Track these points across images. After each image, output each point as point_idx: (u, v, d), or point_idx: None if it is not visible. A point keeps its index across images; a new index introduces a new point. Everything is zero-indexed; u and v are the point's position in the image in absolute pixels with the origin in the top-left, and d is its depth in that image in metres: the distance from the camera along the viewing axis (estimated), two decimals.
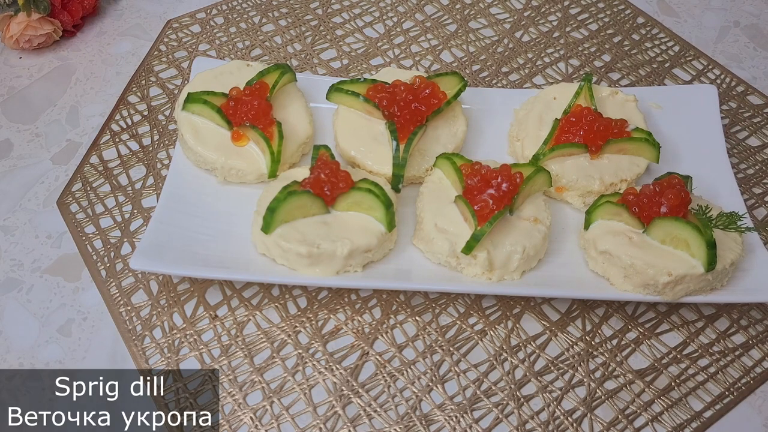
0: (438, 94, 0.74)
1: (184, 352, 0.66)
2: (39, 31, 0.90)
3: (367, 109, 0.75)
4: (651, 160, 0.74)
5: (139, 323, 0.68)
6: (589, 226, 0.69)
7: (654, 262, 0.64)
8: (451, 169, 0.70)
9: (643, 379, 0.66)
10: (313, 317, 0.69)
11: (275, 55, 0.94)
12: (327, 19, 0.99)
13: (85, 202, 0.77)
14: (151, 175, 0.79)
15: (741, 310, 0.71)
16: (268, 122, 0.72)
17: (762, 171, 0.83)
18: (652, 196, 0.67)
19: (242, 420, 0.63)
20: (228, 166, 0.73)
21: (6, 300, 0.70)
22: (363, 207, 0.67)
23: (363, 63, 0.93)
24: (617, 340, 0.69)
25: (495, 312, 0.70)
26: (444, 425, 0.63)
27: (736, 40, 1.00)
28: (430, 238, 0.67)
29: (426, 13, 1.01)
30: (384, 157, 0.73)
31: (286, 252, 0.65)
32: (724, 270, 0.65)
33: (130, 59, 0.94)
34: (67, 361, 0.66)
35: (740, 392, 0.66)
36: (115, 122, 0.85)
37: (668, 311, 0.71)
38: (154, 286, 0.71)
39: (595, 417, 0.64)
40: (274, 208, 0.64)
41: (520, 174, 0.67)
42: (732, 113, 0.89)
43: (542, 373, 0.66)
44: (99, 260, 0.72)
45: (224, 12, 1.00)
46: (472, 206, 0.65)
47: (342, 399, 0.64)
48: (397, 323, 0.69)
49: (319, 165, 0.68)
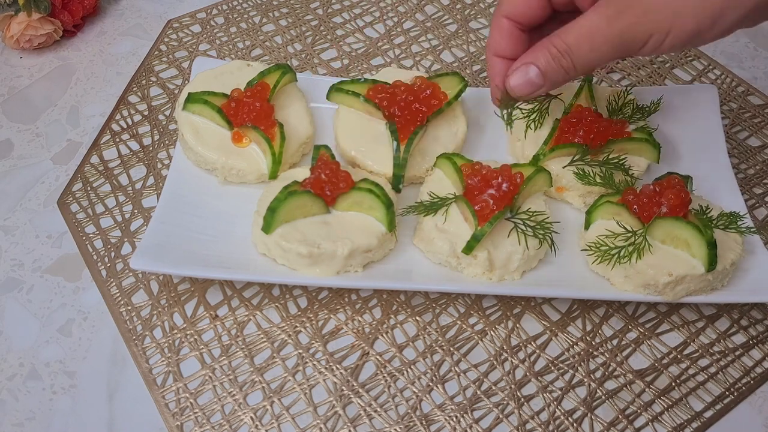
0: (438, 94, 0.74)
1: (185, 352, 0.66)
2: (39, 30, 0.90)
3: (367, 109, 0.76)
4: (651, 160, 0.74)
5: (139, 323, 0.68)
6: (589, 226, 0.69)
7: (654, 262, 0.64)
8: (452, 169, 0.70)
9: (644, 379, 0.66)
10: (314, 317, 0.69)
11: (275, 55, 0.94)
12: (327, 19, 0.99)
13: (85, 202, 0.77)
14: (151, 175, 0.79)
15: (741, 310, 0.71)
16: (270, 123, 0.72)
17: (763, 171, 0.83)
18: (652, 196, 0.67)
19: (242, 420, 0.63)
20: (228, 166, 0.73)
21: (6, 300, 0.70)
22: (363, 207, 0.67)
23: (363, 63, 0.93)
24: (618, 340, 0.69)
25: (495, 312, 0.70)
26: (444, 425, 0.63)
27: (736, 40, 1.00)
28: (431, 238, 0.67)
29: (426, 13, 1.01)
30: (384, 157, 0.73)
31: (287, 252, 0.65)
32: (725, 270, 0.65)
33: (131, 59, 0.94)
34: (68, 361, 0.66)
35: (741, 392, 0.66)
36: (116, 122, 0.85)
37: (669, 311, 0.71)
38: (154, 286, 0.71)
39: (596, 417, 0.64)
40: (274, 208, 0.64)
41: (520, 174, 0.67)
42: (733, 113, 0.89)
43: (542, 373, 0.66)
44: (99, 260, 0.72)
45: (225, 12, 1.00)
46: (472, 206, 0.65)
47: (342, 399, 0.64)
48: (397, 323, 0.69)
49: (320, 165, 0.68)
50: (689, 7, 0.51)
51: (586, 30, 0.54)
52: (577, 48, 0.55)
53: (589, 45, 0.54)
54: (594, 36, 0.54)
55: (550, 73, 0.57)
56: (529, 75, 0.57)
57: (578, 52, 0.55)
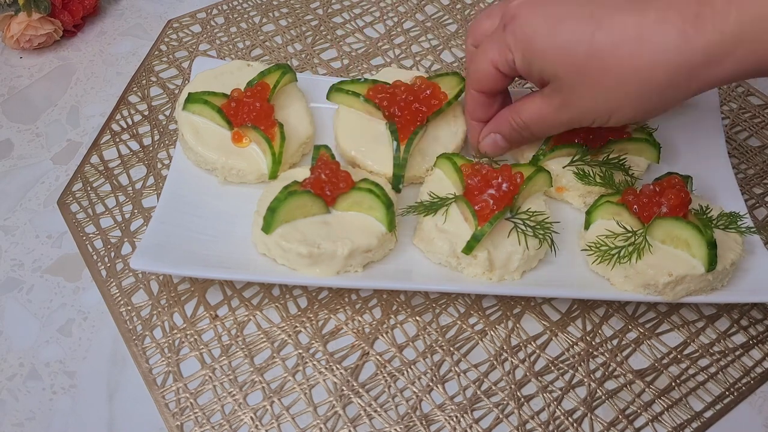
0: (439, 94, 0.74)
1: (185, 352, 0.66)
2: (39, 30, 0.90)
3: (367, 109, 0.76)
4: (651, 161, 0.74)
5: (139, 323, 0.68)
6: (589, 226, 0.69)
7: (654, 262, 0.64)
8: (452, 169, 0.70)
9: (644, 379, 0.66)
10: (314, 317, 0.69)
11: (275, 55, 0.94)
12: (327, 19, 0.99)
13: (85, 201, 0.77)
14: (151, 175, 0.79)
15: (741, 310, 0.71)
16: (270, 123, 0.72)
17: (763, 171, 0.83)
18: (652, 196, 0.67)
19: (242, 420, 0.63)
20: (228, 166, 0.73)
21: (6, 300, 0.70)
22: (363, 207, 0.67)
23: (363, 63, 0.93)
24: (617, 340, 0.69)
25: (495, 312, 0.70)
26: (444, 425, 0.63)
27: None
28: (431, 238, 0.67)
29: (426, 13, 1.01)
30: (384, 157, 0.73)
31: (287, 252, 0.65)
32: (725, 270, 0.65)
33: (131, 59, 0.94)
34: (68, 361, 0.66)
35: (741, 392, 0.66)
36: (116, 122, 0.85)
37: (669, 311, 0.71)
38: (154, 286, 0.71)
39: (596, 417, 0.64)
40: (274, 208, 0.64)
41: (520, 174, 0.67)
42: (733, 114, 0.89)
43: (542, 373, 0.66)
44: (99, 260, 0.72)
45: (225, 12, 1.00)
46: (472, 206, 0.65)
47: (342, 399, 0.64)
48: (397, 323, 0.69)
49: (320, 165, 0.68)
50: (625, 106, 0.58)
51: (537, 114, 0.63)
52: (533, 125, 0.65)
53: (542, 125, 0.64)
54: (545, 119, 0.63)
55: (514, 139, 0.68)
56: (496, 141, 0.69)
57: (534, 128, 0.65)
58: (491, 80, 0.64)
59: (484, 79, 0.65)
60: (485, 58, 0.63)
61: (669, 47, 0.54)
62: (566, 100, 0.60)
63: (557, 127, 0.64)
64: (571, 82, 0.58)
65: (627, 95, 0.57)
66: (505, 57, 0.61)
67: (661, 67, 0.54)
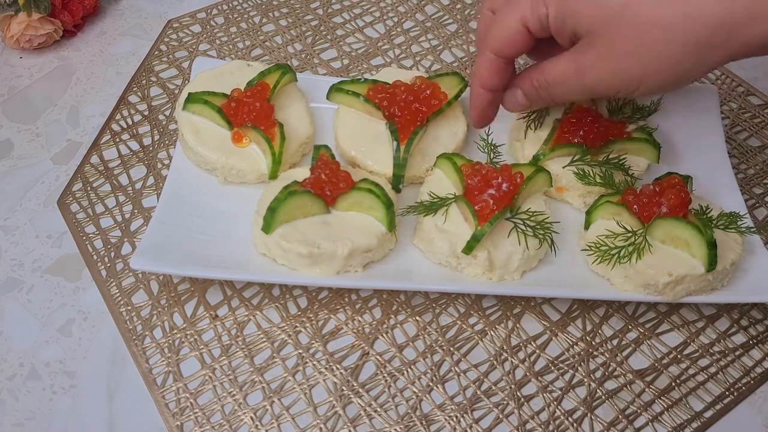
0: (439, 94, 0.74)
1: (185, 352, 0.66)
2: (39, 30, 0.90)
3: (367, 109, 0.76)
4: (651, 160, 0.74)
5: (139, 323, 0.68)
6: (589, 226, 0.69)
7: (654, 262, 0.64)
8: (452, 169, 0.70)
9: (644, 379, 0.66)
10: (314, 317, 0.69)
11: (275, 55, 0.94)
12: (327, 19, 0.99)
13: (85, 201, 0.77)
14: (151, 175, 0.79)
15: (741, 310, 0.71)
16: (270, 123, 0.72)
17: (763, 171, 0.83)
18: (652, 196, 0.67)
19: (242, 420, 0.63)
20: (228, 166, 0.73)
21: (6, 300, 0.70)
22: (363, 207, 0.67)
23: (363, 63, 0.93)
24: (617, 340, 0.69)
25: (495, 312, 0.70)
26: (444, 425, 0.63)
27: None
28: (431, 238, 0.67)
29: (426, 13, 1.01)
30: (384, 157, 0.73)
31: (287, 252, 0.65)
32: (725, 270, 0.65)
33: (131, 59, 0.94)
34: (68, 361, 0.66)
35: (741, 392, 0.66)
36: (116, 122, 0.85)
37: (669, 311, 0.71)
38: (154, 286, 0.71)
39: (596, 417, 0.64)
40: (274, 208, 0.64)
41: (520, 174, 0.67)
42: (733, 114, 0.89)
43: (542, 373, 0.66)
44: (99, 260, 0.72)
45: (225, 12, 1.00)
46: (472, 206, 0.65)
47: (342, 399, 0.64)
48: (397, 323, 0.69)
49: (320, 165, 0.68)
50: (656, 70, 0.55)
51: (560, 75, 0.60)
52: (554, 86, 0.61)
53: (563, 88, 0.61)
54: (567, 82, 0.60)
55: (533, 98, 0.64)
56: (516, 96, 0.66)
57: (554, 90, 0.61)
58: (516, 41, 0.60)
59: (508, 40, 0.60)
60: (514, 17, 0.59)
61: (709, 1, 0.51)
62: (594, 59, 0.57)
63: (578, 91, 0.60)
64: (603, 36, 0.55)
65: (659, 55, 0.54)
66: (538, 12, 0.57)
67: (701, 21, 0.51)
